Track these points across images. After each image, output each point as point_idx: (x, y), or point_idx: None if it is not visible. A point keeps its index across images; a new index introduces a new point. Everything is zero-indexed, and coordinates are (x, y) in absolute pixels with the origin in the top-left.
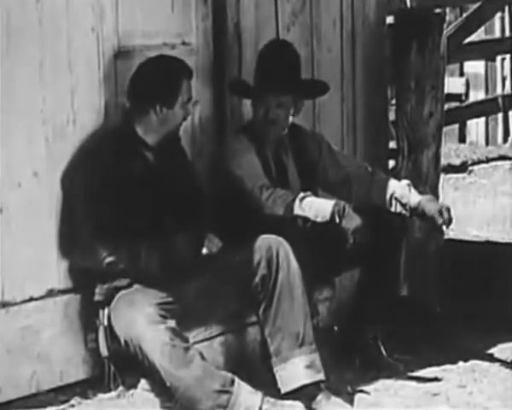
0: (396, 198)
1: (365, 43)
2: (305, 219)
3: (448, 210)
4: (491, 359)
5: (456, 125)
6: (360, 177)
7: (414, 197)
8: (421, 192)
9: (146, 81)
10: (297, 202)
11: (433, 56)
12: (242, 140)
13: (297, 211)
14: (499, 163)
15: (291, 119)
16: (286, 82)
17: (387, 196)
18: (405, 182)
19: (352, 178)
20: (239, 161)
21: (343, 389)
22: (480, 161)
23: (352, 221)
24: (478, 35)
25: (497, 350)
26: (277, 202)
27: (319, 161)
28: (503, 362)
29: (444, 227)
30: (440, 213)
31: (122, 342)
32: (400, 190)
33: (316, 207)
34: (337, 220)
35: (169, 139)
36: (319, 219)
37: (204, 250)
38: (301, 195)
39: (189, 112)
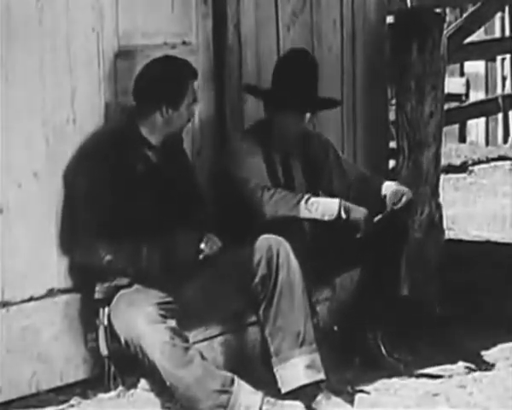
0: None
1: (365, 44)
2: (309, 219)
3: (402, 195)
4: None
5: (457, 126)
6: (359, 184)
7: (388, 188)
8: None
9: (152, 82)
10: (302, 203)
11: (434, 56)
12: (248, 142)
13: (303, 213)
14: (499, 163)
15: None
16: (310, 103)
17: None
18: (394, 182)
19: (352, 185)
20: (243, 162)
21: (343, 388)
22: (480, 162)
23: (360, 212)
24: (478, 35)
25: (497, 350)
26: (280, 203)
27: (325, 165)
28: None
29: (393, 207)
30: (392, 197)
31: (122, 341)
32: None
33: (322, 206)
34: (344, 216)
35: (172, 140)
36: (326, 218)
37: (204, 249)
38: (306, 196)
39: (194, 113)
